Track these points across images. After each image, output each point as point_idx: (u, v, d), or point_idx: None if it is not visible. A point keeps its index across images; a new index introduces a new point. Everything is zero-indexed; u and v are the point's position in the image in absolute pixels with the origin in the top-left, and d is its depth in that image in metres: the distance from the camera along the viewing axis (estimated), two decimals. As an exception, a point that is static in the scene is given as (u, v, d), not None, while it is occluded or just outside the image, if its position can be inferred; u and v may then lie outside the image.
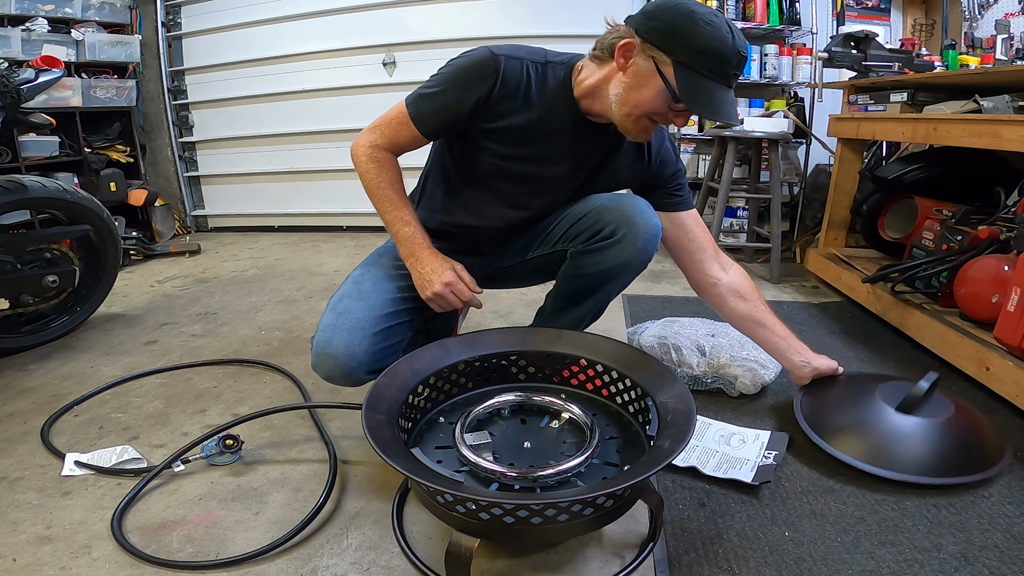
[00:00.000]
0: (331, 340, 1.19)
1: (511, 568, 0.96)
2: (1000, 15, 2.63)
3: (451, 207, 1.34)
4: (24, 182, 1.76)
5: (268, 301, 2.37)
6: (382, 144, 1.22)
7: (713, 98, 1.02)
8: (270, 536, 1.02)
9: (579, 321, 1.39)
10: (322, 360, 1.20)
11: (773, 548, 0.99)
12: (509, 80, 1.14)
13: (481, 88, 1.14)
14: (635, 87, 1.06)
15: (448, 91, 1.16)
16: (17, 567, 0.96)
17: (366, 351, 1.19)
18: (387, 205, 1.23)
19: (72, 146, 3.07)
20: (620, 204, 1.25)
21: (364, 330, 1.19)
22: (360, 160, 1.23)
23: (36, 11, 2.99)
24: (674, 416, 0.98)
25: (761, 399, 1.51)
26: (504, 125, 1.19)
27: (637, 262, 1.25)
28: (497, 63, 1.13)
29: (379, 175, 1.22)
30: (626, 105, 1.08)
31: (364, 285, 1.27)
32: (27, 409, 1.49)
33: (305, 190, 3.71)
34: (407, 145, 1.24)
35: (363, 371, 1.20)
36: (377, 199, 1.23)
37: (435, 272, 1.19)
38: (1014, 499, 1.10)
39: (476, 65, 1.14)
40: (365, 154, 1.22)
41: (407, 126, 1.20)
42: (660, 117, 1.10)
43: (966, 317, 1.64)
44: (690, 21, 0.99)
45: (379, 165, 1.22)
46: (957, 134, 1.68)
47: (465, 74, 1.15)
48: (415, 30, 3.32)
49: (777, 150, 2.62)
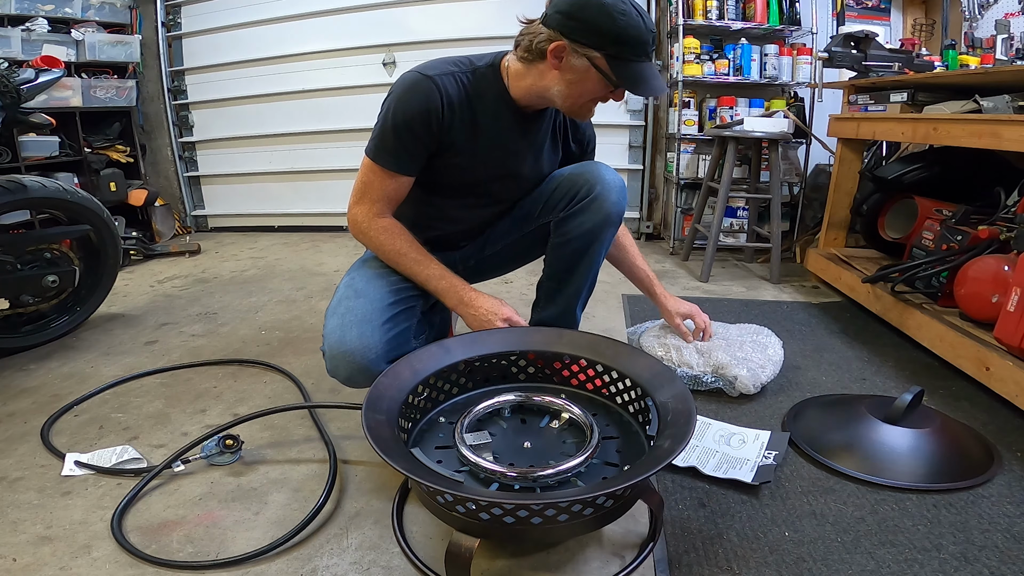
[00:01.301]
0: (343, 338, 1.19)
1: (511, 568, 0.96)
2: (1000, 15, 2.62)
3: (426, 217, 1.39)
4: (24, 182, 1.76)
5: (268, 301, 2.37)
6: (378, 211, 1.27)
7: (645, 76, 1.15)
8: (270, 536, 1.02)
9: (577, 293, 1.44)
10: (339, 361, 1.20)
11: (773, 548, 0.99)
12: (453, 97, 1.21)
13: (435, 112, 1.19)
14: (576, 82, 1.17)
15: (410, 125, 1.18)
16: (17, 567, 0.96)
17: (379, 341, 1.20)
18: (415, 268, 1.27)
19: (72, 146, 3.07)
20: (584, 169, 1.37)
21: (372, 322, 1.20)
22: (370, 237, 1.28)
23: (36, 11, 2.99)
24: (674, 416, 0.98)
25: (761, 399, 1.51)
26: (459, 139, 1.25)
27: (615, 214, 1.35)
28: (436, 84, 1.18)
29: (393, 243, 1.27)
30: (571, 97, 1.19)
31: (358, 285, 1.28)
32: (27, 409, 1.49)
33: (305, 190, 3.71)
34: (398, 194, 1.27)
35: (382, 362, 1.20)
36: (402, 266, 1.28)
37: (491, 311, 1.26)
38: (1014, 499, 1.10)
39: (422, 93, 1.18)
40: (370, 229, 1.27)
41: (390, 178, 1.23)
42: (602, 99, 1.21)
43: (966, 317, 1.64)
44: (608, 17, 1.09)
45: (389, 234, 1.27)
46: (957, 134, 1.68)
47: (415, 105, 1.18)
48: (415, 30, 3.32)
49: (777, 150, 2.62)
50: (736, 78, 3.04)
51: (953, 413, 1.43)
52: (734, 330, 1.68)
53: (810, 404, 1.46)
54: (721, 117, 3.04)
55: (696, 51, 3.00)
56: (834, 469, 1.20)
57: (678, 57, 2.98)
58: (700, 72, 3.01)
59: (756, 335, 1.64)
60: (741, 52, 3.03)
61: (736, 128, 2.65)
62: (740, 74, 3.05)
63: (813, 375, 1.65)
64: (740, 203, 3.07)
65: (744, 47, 3.03)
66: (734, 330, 1.68)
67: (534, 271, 1.53)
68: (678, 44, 2.97)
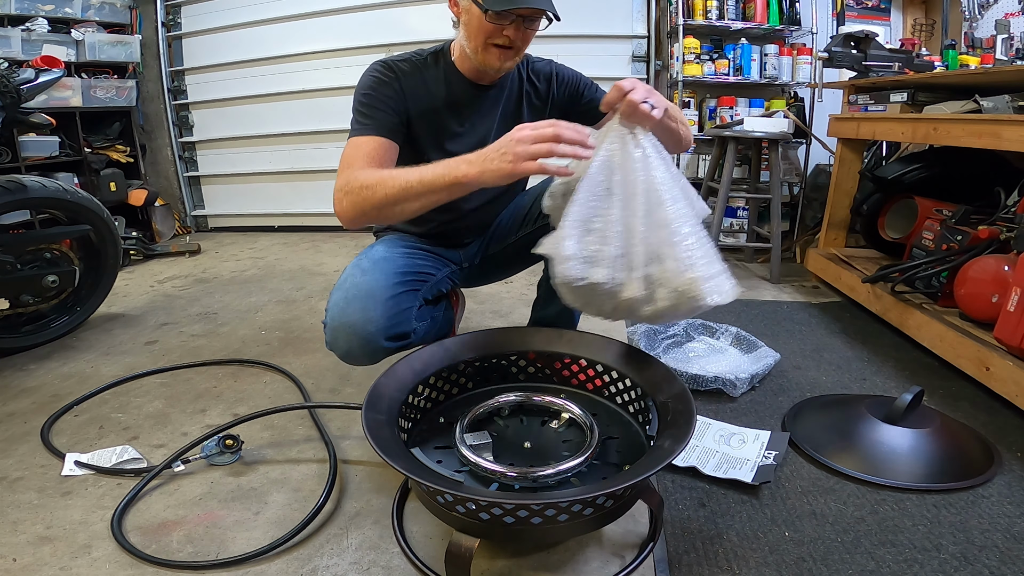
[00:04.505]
0: (346, 309, 1.18)
1: (511, 568, 0.96)
2: (1000, 15, 2.63)
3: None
4: (24, 182, 1.76)
5: (268, 301, 2.37)
6: (360, 167, 1.14)
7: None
8: (270, 536, 1.02)
9: None
10: (339, 332, 1.19)
11: (773, 548, 0.99)
12: (407, 73, 1.25)
13: (391, 81, 1.23)
14: (467, 24, 1.18)
15: (369, 93, 1.22)
16: (17, 567, 0.96)
17: (382, 315, 1.19)
18: (407, 175, 1.05)
19: (72, 146, 3.07)
20: None
21: (376, 296, 1.20)
22: (352, 186, 1.09)
23: (36, 11, 2.99)
24: (674, 416, 0.98)
25: (761, 399, 1.51)
26: (416, 116, 1.26)
27: None
28: (389, 63, 1.25)
29: (378, 173, 1.09)
30: (471, 43, 1.19)
31: (365, 265, 1.27)
32: (27, 409, 1.49)
33: (305, 190, 3.71)
34: (378, 154, 1.17)
35: (382, 337, 1.19)
36: (396, 182, 1.05)
37: (496, 152, 0.99)
38: (1014, 499, 1.10)
39: (375, 70, 1.25)
40: (352, 178, 1.10)
41: (366, 141, 1.18)
42: (499, 39, 1.17)
43: (966, 317, 1.64)
44: None
45: (370, 171, 1.11)
46: (957, 134, 1.68)
47: (370, 78, 1.24)
48: (415, 30, 3.32)
49: (777, 150, 2.62)
50: (736, 78, 3.04)
51: (953, 413, 1.43)
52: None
53: (810, 404, 1.46)
54: (721, 117, 3.04)
55: (696, 51, 3.01)
56: (834, 469, 1.20)
57: (678, 57, 2.98)
58: (700, 72, 3.01)
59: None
60: (741, 52, 3.03)
61: (736, 128, 2.65)
62: (740, 74, 3.05)
63: (813, 375, 1.65)
64: (740, 203, 3.07)
65: (744, 47, 3.03)
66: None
67: (535, 271, 1.53)
68: (678, 44, 2.97)
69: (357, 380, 1.64)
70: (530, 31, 1.18)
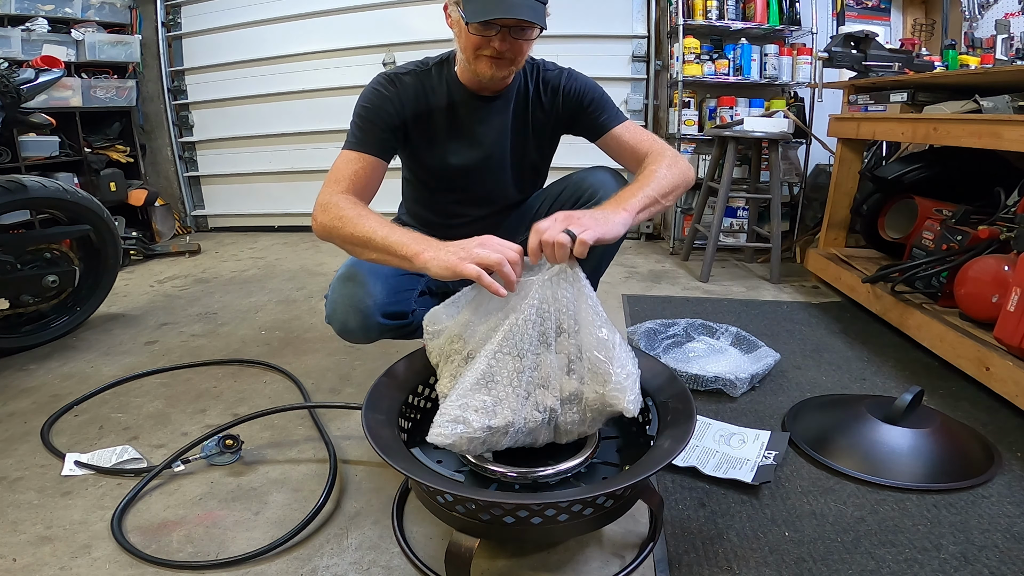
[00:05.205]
0: (347, 282, 1.23)
1: (511, 568, 0.96)
2: (1000, 15, 2.62)
3: (434, 212, 1.42)
4: (24, 182, 1.76)
5: (268, 301, 2.37)
6: (342, 188, 1.16)
7: (487, 4, 1.10)
8: (270, 536, 1.02)
9: None
10: (338, 304, 1.23)
11: (773, 548, 0.99)
12: (408, 87, 1.26)
13: (391, 97, 1.23)
14: (458, 35, 1.19)
15: (367, 108, 1.23)
16: (17, 567, 0.96)
17: (381, 291, 1.22)
18: (366, 230, 1.04)
19: (72, 146, 3.07)
20: (589, 174, 1.38)
21: (378, 273, 1.24)
22: (319, 219, 1.10)
23: (36, 11, 2.99)
24: (674, 416, 0.98)
25: (761, 399, 1.51)
26: (417, 129, 1.28)
27: None
28: (391, 76, 1.26)
29: (356, 208, 1.10)
30: (463, 54, 1.20)
31: (365, 264, 1.23)
32: (27, 409, 1.49)
33: (305, 190, 3.71)
34: (362, 176, 1.19)
35: (378, 312, 1.22)
36: (357, 235, 1.05)
37: (457, 245, 0.96)
38: (1014, 499, 1.10)
39: (378, 83, 1.25)
40: (332, 198, 1.12)
41: (354, 159, 1.20)
42: (487, 50, 1.16)
43: (966, 317, 1.64)
44: None
45: (351, 202, 1.11)
46: (957, 134, 1.68)
47: (371, 92, 1.25)
48: (415, 30, 3.32)
49: (777, 150, 2.62)
50: (736, 78, 3.04)
51: (953, 413, 1.43)
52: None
53: (810, 404, 1.46)
54: (721, 117, 3.04)
55: (696, 51, 3.00)
56: (834, 469, 1.20)
57: (678, 57, 2.98)
58: (700, 72, 3.01)
59: None
60: (741, 52, 3.03)
61: (736, 128, 2.65)
62: (740, 74, 3.05)
63: (813, 375, 1.65)
64: (740, 203, 3.07)
65: (744, 47, 3.03)
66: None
67: (534, 271, 1.52)
68: (678, 44, 2.97)
69: (357, 380, 1.64)
70: (521, 41, 1.15)
